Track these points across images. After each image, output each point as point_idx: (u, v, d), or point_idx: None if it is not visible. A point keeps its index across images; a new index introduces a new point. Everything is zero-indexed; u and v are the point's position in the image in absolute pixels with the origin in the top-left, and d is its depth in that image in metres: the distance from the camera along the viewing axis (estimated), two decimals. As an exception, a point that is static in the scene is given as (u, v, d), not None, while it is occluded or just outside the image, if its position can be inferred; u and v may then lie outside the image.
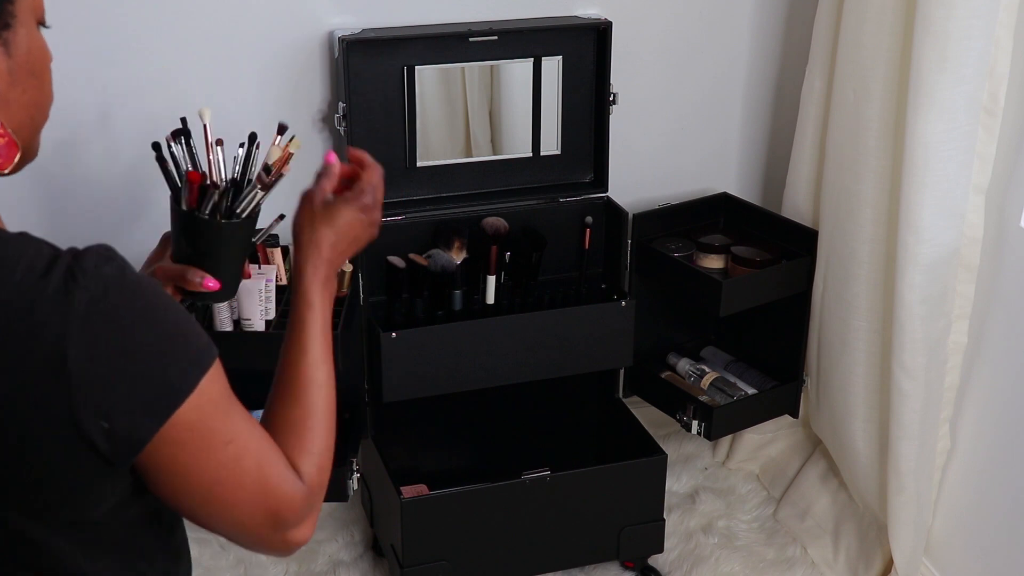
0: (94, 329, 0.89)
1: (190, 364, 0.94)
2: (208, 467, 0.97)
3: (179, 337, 0.94)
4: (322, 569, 2.39)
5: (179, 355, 0.94)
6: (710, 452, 2.75)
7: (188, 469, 0.96)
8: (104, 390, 0.90)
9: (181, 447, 0.95)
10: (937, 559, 2.29)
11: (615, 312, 2.25)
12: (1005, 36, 1.91)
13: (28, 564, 1.00)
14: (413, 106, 2.22)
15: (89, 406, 0.89)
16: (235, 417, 0.99)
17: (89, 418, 0.90)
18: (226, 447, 0.97)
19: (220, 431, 0.97)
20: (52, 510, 0.97)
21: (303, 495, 1.05)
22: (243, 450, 0.99)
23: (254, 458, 1.00)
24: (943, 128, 1.94)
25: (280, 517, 1.03)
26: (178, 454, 0.95)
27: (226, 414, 0.97)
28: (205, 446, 0.96)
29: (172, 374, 0.93)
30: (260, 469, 1.01)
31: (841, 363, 2.29)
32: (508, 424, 2.50)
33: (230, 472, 0.98)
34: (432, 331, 2.15)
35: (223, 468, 0.98)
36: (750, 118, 2.62)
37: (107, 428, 0.90)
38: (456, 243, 2.23)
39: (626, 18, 2.35)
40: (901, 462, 2.15)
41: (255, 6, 2.15)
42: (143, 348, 0.91)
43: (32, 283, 0.89)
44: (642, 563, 2.39)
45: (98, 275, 0.90)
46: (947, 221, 2.00)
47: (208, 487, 0.98)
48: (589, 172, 2.39)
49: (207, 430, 0.96)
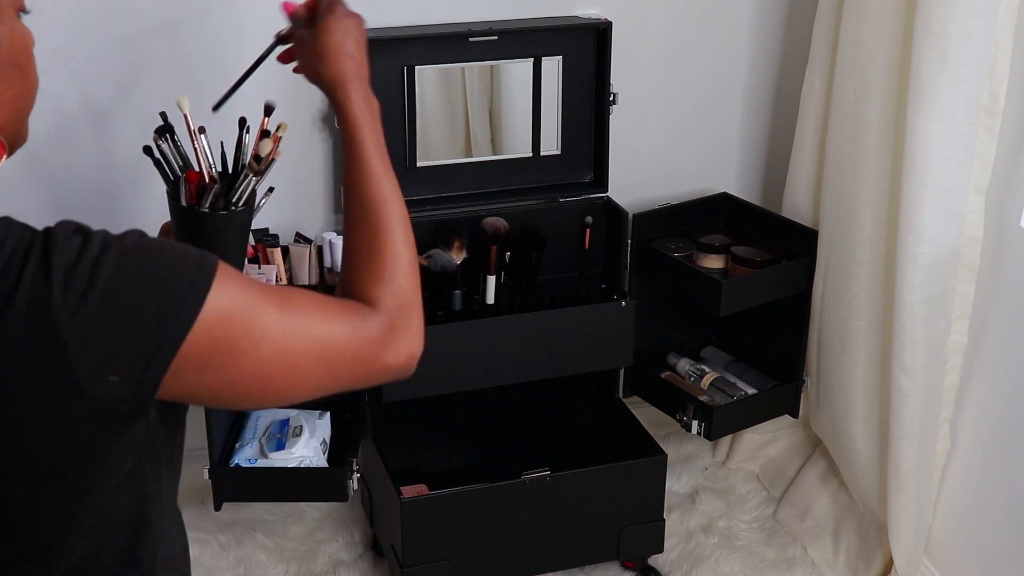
0: (75, 293, 0.89)
1: (185, 291, 0.92)
2: (245, 372, 0.96)
3: (166, 271, 0.93)
4: (322, 569, 2.39)
5: (170, 288, 0.92)
6: (710, 452, 2.75)
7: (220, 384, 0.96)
8: (101, 347, 0.90)
9: (201, 370, 0.94)
10: (937, 559, 2.29)
11: (615, 312, 2.25)
12: (1005, 36, 1.91)
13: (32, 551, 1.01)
14: (413, 106, 2.22)
15: (92, 368, 0.90)
16: (261, 317, 0.97)
17: (94, 380, 0.90)
18: (259, 347, 0.96)
19: (243, 340, 0.95)
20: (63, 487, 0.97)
21: (380, 325, 1.05)
22: (285, 340, 0.98)
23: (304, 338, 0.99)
24: (943, 128, 1.94)
25: (362, 356, 1.04)
26: (203, 376, 0.94)
27: (247, 320, 0.96)
28: (230, 359, 0.95)
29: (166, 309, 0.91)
30: (316, 343, 1.00)
31: (841, 363, 2.29)
32: (508, 424, 2.50)
33: (274, 366, 0.98)
34: (432, 331, 2.11)
35: (265, 365, 0.97)
36: (750, 118, 2.62)
37: (116, 381, 0.90)
38: (456, 243, 2.23)
39: (626, 18, 2.35)
40: (901, 462, 2.15)
41: (255, 6, 2.15)
42: (128, 296, 0.91)
43: (16, 265, 0.89)
44: (642, 563, 2.39)
45: (68, 244, 0.91)
46: (947, 221, 2.00)
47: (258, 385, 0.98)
48: (589, 172, 2.39)
49: (228, 344, 0.95)
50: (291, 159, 2.31)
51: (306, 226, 2.31)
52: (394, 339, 1.06)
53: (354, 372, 1.05)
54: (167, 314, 0.91)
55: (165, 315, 0.91)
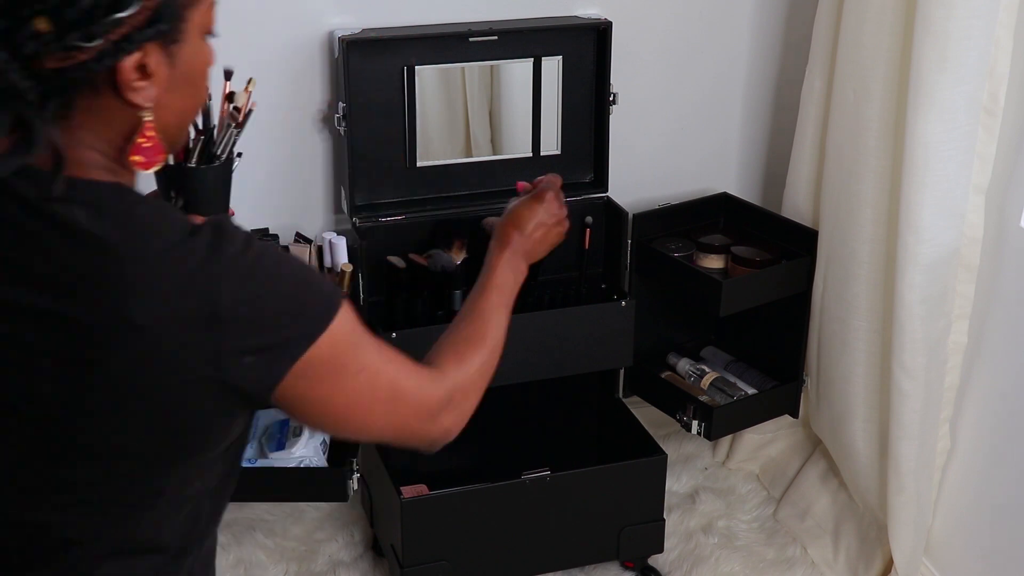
0: (241, 278, 1.01)
1: (321, 307, 1.06)
2: (342, 395, 1.10)
3: (310, 284, 1.07)
4: (322, 569, 2.39)
5: (312, 299, 1.06)
6: (710, 452, 2.75)
7: (324, 398, 1.09)
8: (250, 331, 1.01)
9: (316, 380, 1.06)
10: (937, 559, 2.29)
11: (615, 312, 2.25)
12: (1005, 36, 1.91)
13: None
14: (413, 106, 2.22)
15: (236, 347, 1.00)
16: (366, 348, 1.10)
17: (234, 358, 1.00)
18: (358, 376, 1.10)
19: (351, 363, 1.09)
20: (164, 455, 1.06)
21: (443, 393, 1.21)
22: (375, 375, 1.12)
23: (387, 378, 1.13)
24: (943, 128, 1.94)
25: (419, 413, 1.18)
26: (313, 386, 1.06)
27: (357, 347, 1.09)
28: (338, 377, 1.08)
29: (307, 314, 1.04)
30: (393, 386, 1.14)
31: (841, 363, 2.29)
32: (508, 424, 2.50)
33: (363, 396, 1.12)
34: (432, 331, 2.14)
35: (356, 394, 1.11)
36: (750, 118, 2.62)
37: (251, 362, 1.01)
38: (456, 243, 2.23)
39: (626, 18, 2.35)
40: (901, 462, 2.15)
41: (255, 6, 2.15)
42: (282, 293, 1.04)
43: (183, 244, 1.00)
44: (642, 563, 2.39)
45: (236, 234, 1.03)
46: (947, 221, 2.00)
47: (344, 411, 1.11)
48: (589, 172, 2.39)
49: (339, 364, 1.07)
50: (291, 159, 2.32)
51: (306, 226, 2.31)
52: (447, 409, 1.22)
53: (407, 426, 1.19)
54: (306, 317, 1.04)
55: (304, 317, 1.04)
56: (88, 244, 0.98)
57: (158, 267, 0.99)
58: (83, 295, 0.98)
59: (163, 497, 1.09)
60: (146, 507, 1.09)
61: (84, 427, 1.03)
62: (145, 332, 0.98)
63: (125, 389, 1.01)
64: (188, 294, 0.99)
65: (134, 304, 0.98)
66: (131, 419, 1.03)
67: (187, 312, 0.99)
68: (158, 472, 1.08)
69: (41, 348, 1.00)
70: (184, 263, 0.99)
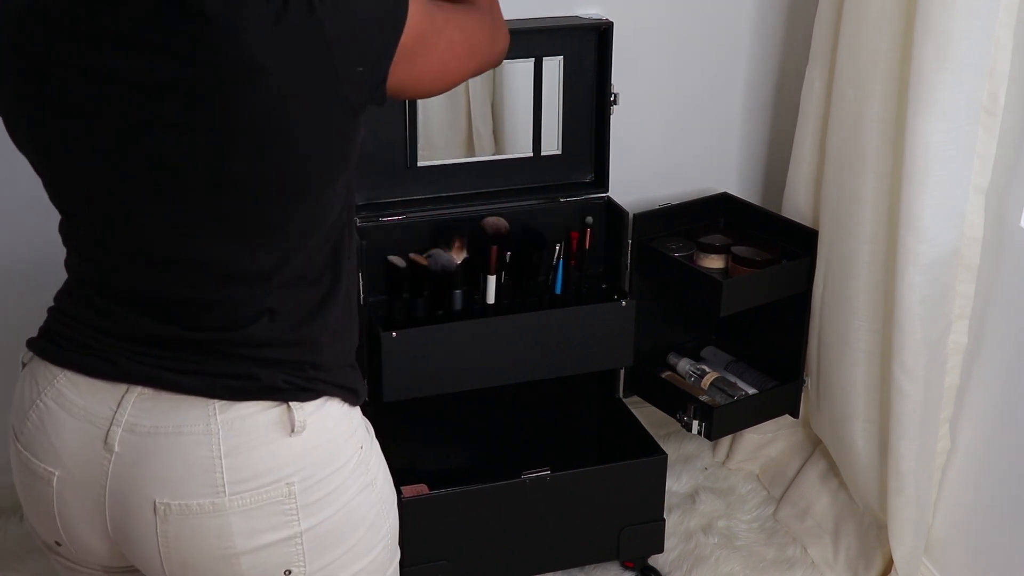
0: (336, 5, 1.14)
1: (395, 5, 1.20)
2: (435, 60, 1.27)
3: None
4: (322, 569, 2.38)
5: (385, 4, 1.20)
6: (710, 452, 2.75)
7: (424, 70, 1.26)
8: (355, 43, 1.16)
9: (410, 63, 1.23)
10: (937, 559, 2.29)
11: (615, 312, 2.25)
12: (1005, 36, 1.91)
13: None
14: (413, 106, 2.22)
15: (348, 60, 1.16)
16: (435, 12, 1.26)
17: (349, 70, 1.16)
18: (439, 37, 1.27)
19: (432, 31, 1.25)
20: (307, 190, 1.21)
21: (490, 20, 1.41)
22: (451, 42, 1.29)
23: (460, 36, 1.31)
24: (943, 128, 1.94)
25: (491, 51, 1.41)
26: (413, 67, 1.24)
27: (432, 23, 1.25)
28: (428, 48, 1.25)
29: (389, 9, 1.19)
30: (467, 41, 1.33)
31: (841, 363, 2.29)
32: (508, 424, 2.51)
33: (450, 51, 1.29)
34: (432, 331, 2.15)
35: (446, 52, 1.28)
36: (750, 118, 2.62)
37: (362, 71, 1.17)
38: (456, 243, 2.23)
39: (627, 18, 2.35)
40: (901, 462, 2.15)
41: None
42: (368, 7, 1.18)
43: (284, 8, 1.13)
44: (642, 563, 2.39)
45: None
46: (947, 221, 2.00)
47: (442, 70, 1.30)
48: (590, 172, 2.39)
49: (424, 37, 1.23)
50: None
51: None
52: (497, 30, 1.43)
53: (485, 61, 1.40)
54: (389, 12, 1.19)
55: (389, 14, 1.19)
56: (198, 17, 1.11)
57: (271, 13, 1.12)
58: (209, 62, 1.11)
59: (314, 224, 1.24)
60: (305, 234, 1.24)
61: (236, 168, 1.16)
62: (271, 74, 1.12)
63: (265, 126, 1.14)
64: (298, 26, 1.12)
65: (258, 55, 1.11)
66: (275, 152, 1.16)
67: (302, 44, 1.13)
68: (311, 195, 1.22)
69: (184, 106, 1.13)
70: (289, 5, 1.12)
